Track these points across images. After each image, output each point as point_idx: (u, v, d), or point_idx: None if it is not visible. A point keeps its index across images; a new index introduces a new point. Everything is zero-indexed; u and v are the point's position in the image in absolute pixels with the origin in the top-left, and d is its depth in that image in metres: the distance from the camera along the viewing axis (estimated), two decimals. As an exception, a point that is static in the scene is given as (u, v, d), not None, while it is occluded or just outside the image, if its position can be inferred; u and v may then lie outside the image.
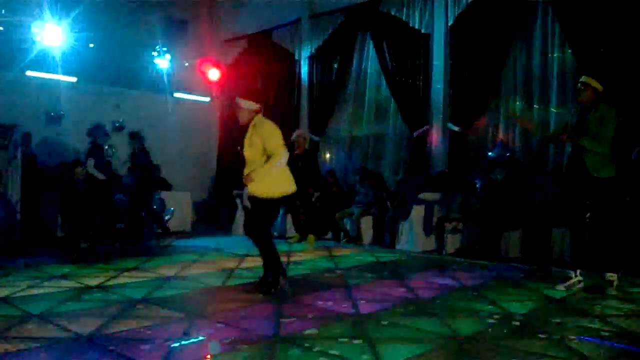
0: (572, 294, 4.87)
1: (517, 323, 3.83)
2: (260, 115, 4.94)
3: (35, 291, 4.84)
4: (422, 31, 9.33)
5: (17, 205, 8.35)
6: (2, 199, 8.11)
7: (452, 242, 7.68)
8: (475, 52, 8.58)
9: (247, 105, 4.92)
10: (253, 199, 4.81)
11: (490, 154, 8.21)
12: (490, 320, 3.88)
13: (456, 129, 8.88)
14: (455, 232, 7.71)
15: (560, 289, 4.96)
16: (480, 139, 8.90)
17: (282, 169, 4.82)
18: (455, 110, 8.97)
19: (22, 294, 4.72)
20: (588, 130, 4.88)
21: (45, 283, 5.22)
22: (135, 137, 8.87)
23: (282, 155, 4.70)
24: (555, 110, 7.89)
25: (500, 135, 8.54)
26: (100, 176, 7.97)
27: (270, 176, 4.73)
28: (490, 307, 4.29)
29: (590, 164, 4.86)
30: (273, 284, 4.80)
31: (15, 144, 8.56)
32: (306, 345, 3.24)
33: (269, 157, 4.70)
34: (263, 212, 4.83)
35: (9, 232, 7.98)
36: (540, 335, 3.50)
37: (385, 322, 3.81)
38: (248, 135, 4.84)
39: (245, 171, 4.82)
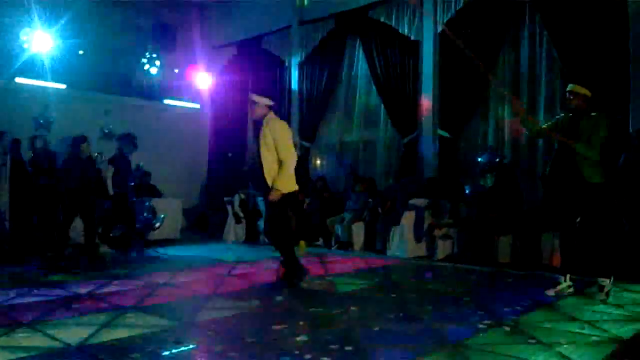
0: (562, 299, 4.89)
1: (508, 328, 3.84)
2: (272, 113, 5.13)
3: (24, 300, 4.80)
4: (412, 38, 9.39)
5: (5, 213, 8.28)
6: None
7: (443, 248, 7.70)
8: (464, 59, 8.62)
9: (262, 100, 5.21)
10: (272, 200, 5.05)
11: (479, 159, 8.26)
12: (481, 326, 3.89)
13: (446, 135, 8.93)
14: (446, 238, 7.74)
15: (550, 294, 4.98)
16: (470, 144, 8.95)
17: None
18: (445, 117, 9.02)
19: (11, 302, 4.68)
20: (581, 136, 4.90)
21: (35, 291, 5.17)
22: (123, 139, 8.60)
23: (293, 160, 5.13)
24: (543, 116, 7.95)
25: (490, 141, 8.61)
26: (110, 190, 7.87)
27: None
28: (480, 312, 4.31)
29: (583, 169, 4.88)
30: (296, 276, 5.07)
31: (3, 150, 8.50)
32: (296, 352, 3.23)
33: (280, 163, 5.04)
34: (284, 207, 5.13)
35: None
36: (531, 341, 3.51)
37: (377, 328, 3.81)
38: (262, 135, 5.09)
39: (266, 172, 5.09)
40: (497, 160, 8.12)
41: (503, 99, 8.46)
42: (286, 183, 5.11)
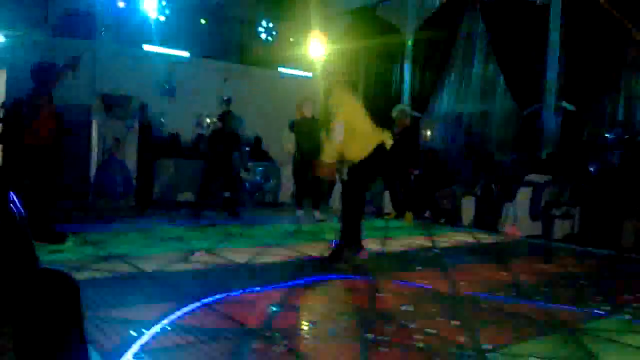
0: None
1: (628, 317, 3.57)
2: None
3: (147, 251, 5.19)
4: (538, 2, 8.77)
5: (133, 172, 8.97)
6: (120, 166, 8.74)
7: (561, 228, 7.27)
8: (595, 26, 7.96)
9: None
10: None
11: (607, 135, 7.65)
12: (599, 311, 3.65)
13: (571, 107, 8.34)
14: (565, 218, 7.30)
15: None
16: (597, 119, 8.31)
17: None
18: (570, 88, 8.41)
19: (137, 253, 5.08)
20: None
21: (159, 244, 5.58)
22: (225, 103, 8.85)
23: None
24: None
25: (619, 117, 7.94)
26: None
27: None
28: (599, 297, 4.03)
29: None
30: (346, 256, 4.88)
31: (133, 114, 9.16)
32: (402, 322, 3.22)
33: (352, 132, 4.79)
34: (359, 175, 4.91)
35: (125, 196, 8.61)
36: (656, 331, 3.24)
37: (485, 306, 3.70)
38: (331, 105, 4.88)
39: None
40: (627, 137, 7.50)
41: (637, 70, 7.74)
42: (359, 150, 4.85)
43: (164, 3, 11.10)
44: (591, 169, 7.43)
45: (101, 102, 9.16)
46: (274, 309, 3.41)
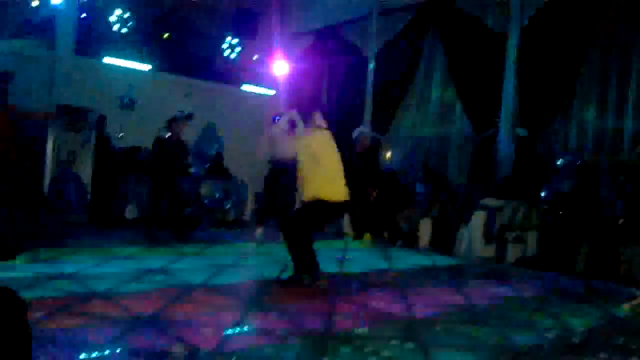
0: (638, 314, 4.63)
1: (577, 340, 3.67)
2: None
3: (100, 270, 5.06)
4: (496, 30, 9.05)
5: (88, 186, 8.75)
6: (74, 180, 8.52)
7: (514, 252, 7.44)
8: (549, 54, 8.26)
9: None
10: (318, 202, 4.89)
11: (559, 161, 7.90)
12: (549, 335, 3.74)
13: (524, 133, 8.60)
14: (518, 241, 7.48)
15: (626, 308, 4.73)
16: (550, 145, 8.59)
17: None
18: (525, 114, 8.67)
19: (89, 272, 4.94)
20: None
21: (111, 262, 5.45)
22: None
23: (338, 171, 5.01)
24: (632, 117, 7.51)
25: (571, 143, 8.22)
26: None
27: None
28: (549, 321, 4.14)
29: None
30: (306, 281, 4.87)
31: (90, 127, 8.97)
32: (357, 344, 3.23)
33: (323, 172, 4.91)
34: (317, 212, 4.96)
35: (79, 211, 8.38)
36: (601, 355, 3.34)
37: (439, 328, 3.75)
38: (304, 144, 4.95)
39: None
40: (579, 163, 7.77)
41: (589, 97, 8.06)
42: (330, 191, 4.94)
43: (126, 15, 10.97)
44: (543, 193, 7.64)
45: (58, 113, 8.94)
46: (229, 331, 3.37)
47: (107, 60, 10.67)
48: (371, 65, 11.23)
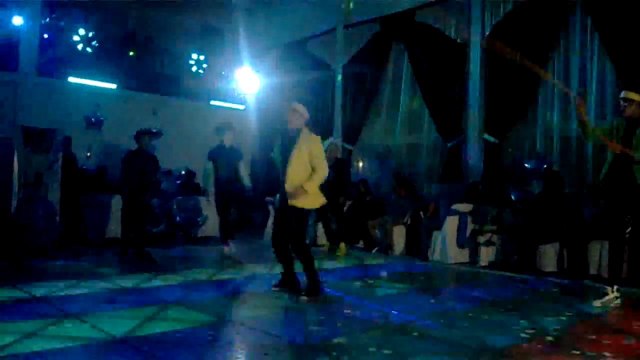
0: (609, 310, 4.74)
1: (551, 338, 3.74)
2: (307, 128, 5.06)
3: (72, 291, 4.95)
4: (458, 41, 9.26)
5: (56, 207, 8.57)
6: (42, 202, 8.34)
7: (486, 255, 7.55)
8: (512, 62, 8.45)
9: (304, 112, 5.12)
10: (293, 209, 4.90)
11: (526, 165, 8.07)
12: (523, 335, 3.80)
13: (491, 139, 8.77)
14: (489, 245, 7.59)
15: (596, 305, 4.84)
16: (517, 150, 8.77)
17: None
18: (491, 121, 8.86)
19: (60, 294, 4.84)
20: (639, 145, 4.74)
21: (82, 284, 5.34)
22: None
23: (326, 172, 5.00)
24: (594, 122, 7.72)
25: (537, 147, 8.41)
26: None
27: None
28: (523, 321, 4.21)
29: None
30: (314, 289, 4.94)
31: (56, 148, 8.81)
32: (334, 354, 3.23)
33: (313, 178, 4.93)
34: (303, 222, 5.06)
35: (48, 233, 8.19)
36: (574, 352, 3.41)
37: (415, 334, 3.77)
38: (297, 146, 4.94)
39: (287, 182, 4.93)
40: (545, 166, 7.95)
41: (552, 104, 8.28)
42: (313, 199, 5.05)
43: (90, 34, 10.87)
44: (512, 197, 7.79)
45: (22, 134, 8.76)
46: (203, 347, 3.34)
47: (72, 79, 10.54)
48: (339, 78, 11.33)
